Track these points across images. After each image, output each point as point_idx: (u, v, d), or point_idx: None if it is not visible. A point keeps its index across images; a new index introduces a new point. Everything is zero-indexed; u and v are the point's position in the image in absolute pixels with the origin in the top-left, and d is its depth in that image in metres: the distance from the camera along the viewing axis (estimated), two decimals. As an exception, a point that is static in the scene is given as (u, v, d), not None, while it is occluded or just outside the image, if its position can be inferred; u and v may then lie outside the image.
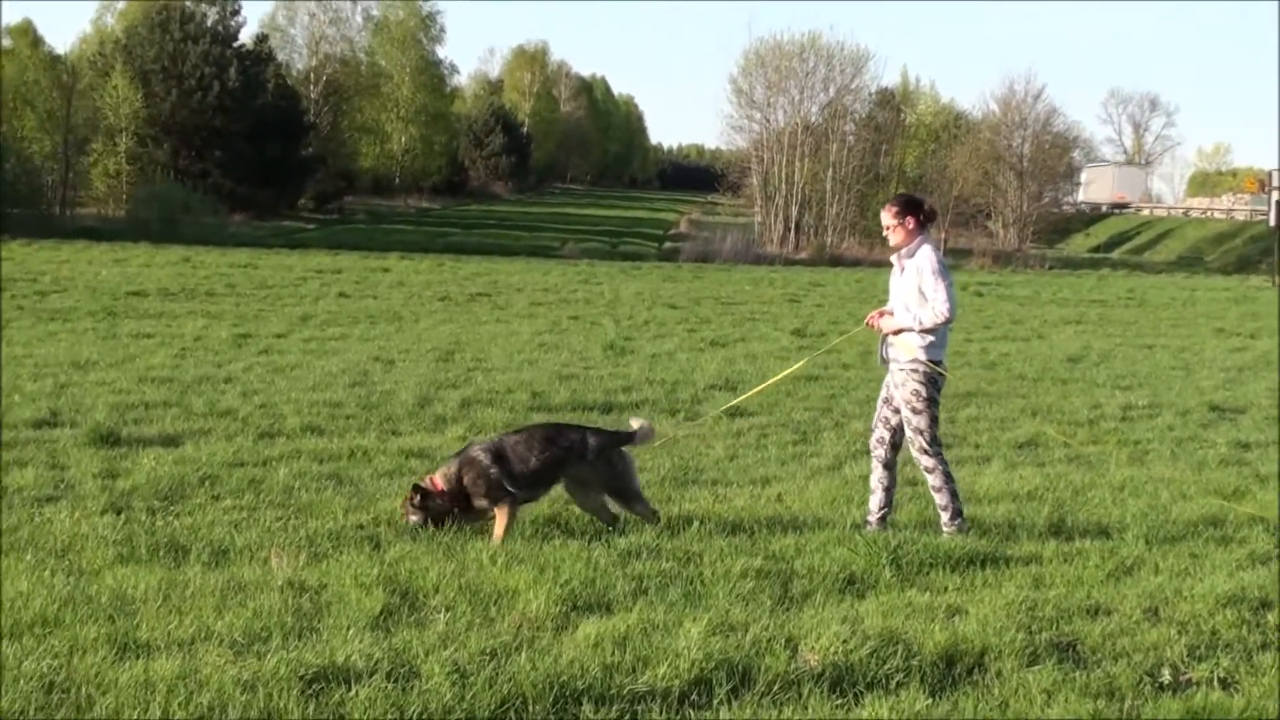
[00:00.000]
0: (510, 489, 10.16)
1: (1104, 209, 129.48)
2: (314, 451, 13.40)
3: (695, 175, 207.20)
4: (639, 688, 6.73)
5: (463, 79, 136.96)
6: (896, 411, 10.87)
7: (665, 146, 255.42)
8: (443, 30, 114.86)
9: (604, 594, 8.40)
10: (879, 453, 10.97)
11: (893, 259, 10.89)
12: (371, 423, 15.33)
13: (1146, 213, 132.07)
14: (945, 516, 10.72)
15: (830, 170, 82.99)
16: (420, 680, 6.69)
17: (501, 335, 26.77)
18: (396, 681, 6.65)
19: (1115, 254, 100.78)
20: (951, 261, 75.10)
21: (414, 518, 10.16)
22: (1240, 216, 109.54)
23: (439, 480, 10.26)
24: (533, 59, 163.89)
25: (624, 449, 10.67)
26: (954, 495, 10.76)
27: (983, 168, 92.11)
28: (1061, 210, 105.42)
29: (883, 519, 10.86)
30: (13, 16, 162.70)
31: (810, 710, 6.59)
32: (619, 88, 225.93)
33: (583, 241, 71.02)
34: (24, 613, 7.59)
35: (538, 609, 7.98)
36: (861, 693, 6.91)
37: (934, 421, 10.69)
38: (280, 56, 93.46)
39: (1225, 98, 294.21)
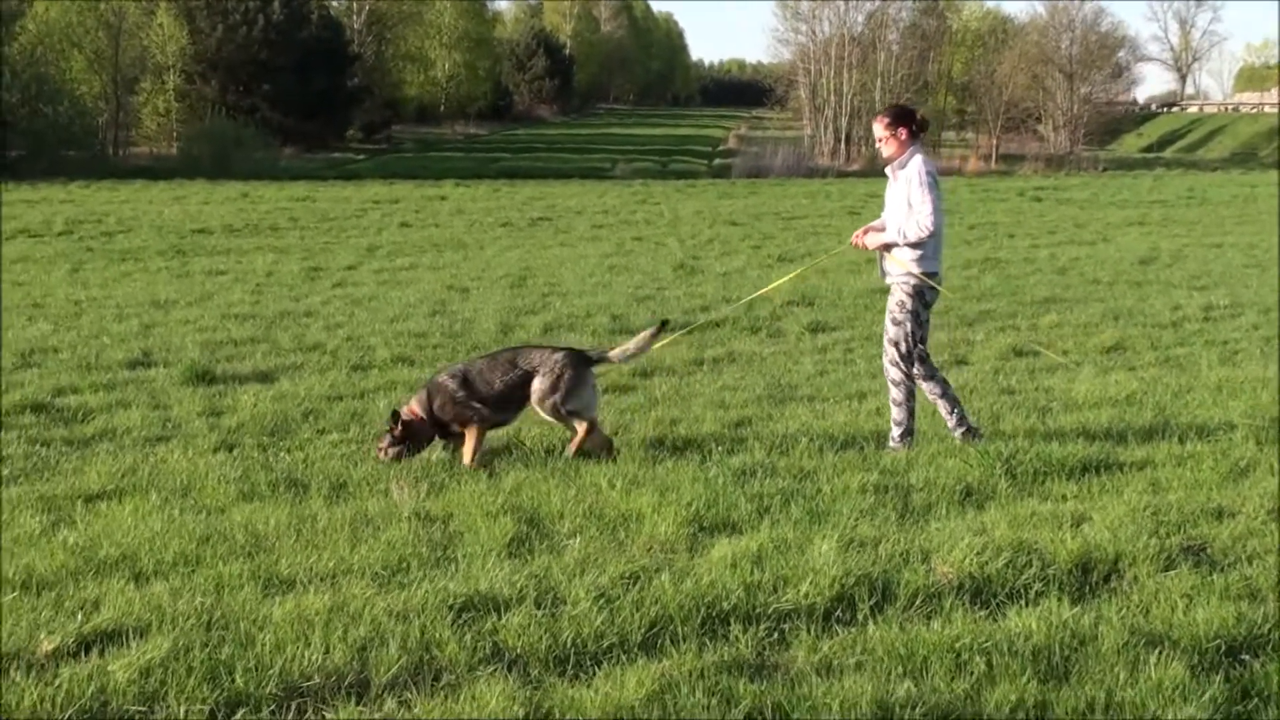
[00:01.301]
0: (478, 408, 10.21)
1: (1154, 107, 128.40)
2: (408, 382, 13.46)
3: (737, 90, 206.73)
4: (783, 606, 6.76)
5: (502, 3, 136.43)
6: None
7: (706, 63, 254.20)
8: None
9: (727, 514, 8.43)
10: (914, 370, 10.77)
11: (887, 170, 10.73)
12: (459, 351, 15.38)
13: (1196, 109, 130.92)
14: (895, 431, 10.66)
15: (879, 80, 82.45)
16: (567, 605, 6.74)
17: (569, 259, 26.81)
18: (543, 608, 6.70)
19: (1167, 153, 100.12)
20: (1004, 168, 75.11)
21: (393, 450, 10.19)
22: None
23: (416, 408, 10.31)
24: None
25: (580, 366, 10.41)
26: (911, 414, 10.67)
27: (1031, 71, 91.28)
28: (1112, 110, 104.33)
29: (961, 418, 10.71)
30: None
31: (955, 623, 6.59)
32: (658, 5, 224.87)
33: (633, 161, 70.77)
34: (164, 552, 7.67)
35: (665, 532, 8.02)
36: (1003, 603, 6.91)
37: (910, 335, 10.58)
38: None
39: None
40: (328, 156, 75.90)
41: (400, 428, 10.17)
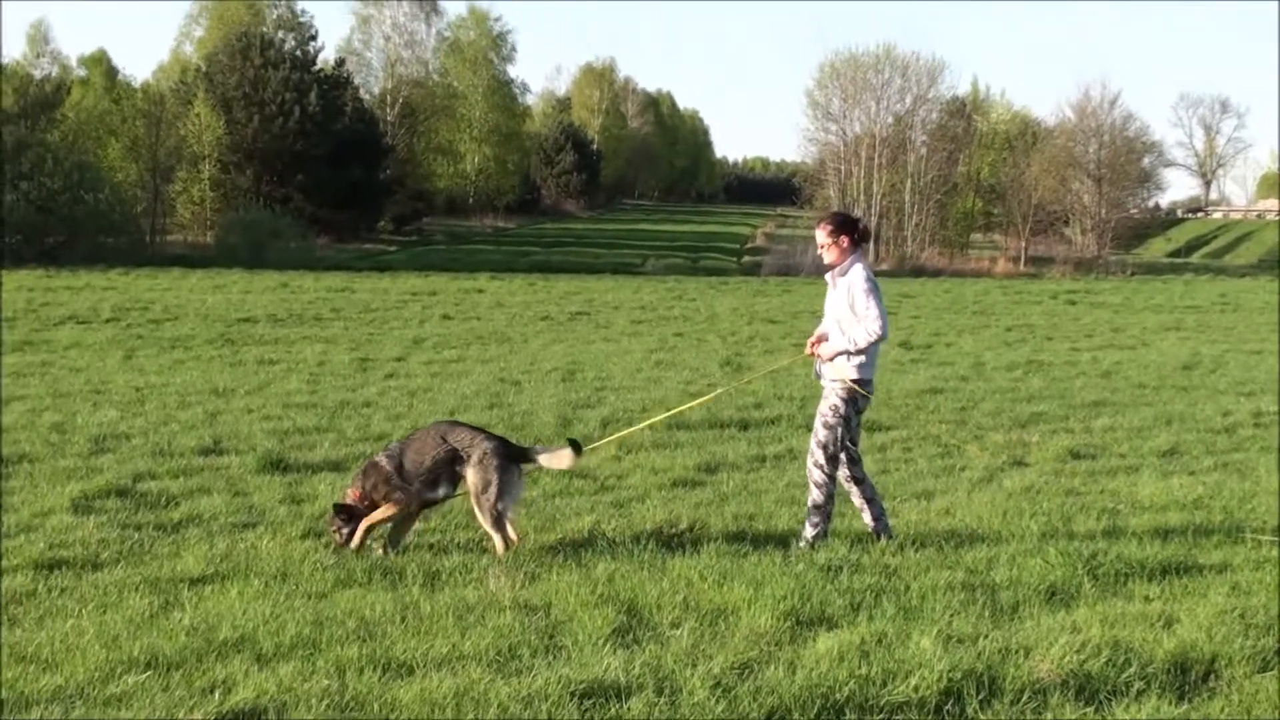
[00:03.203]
0: (404, 487, 10.38)
1: (1179, 213, 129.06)
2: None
3: (762, 188, 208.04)
4: (895, 698, 6.94)
5: (532, 98, 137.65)
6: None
7: (730, 160, 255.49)
8: (514, 49, 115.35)
9: (822, 609, 8.61)
10: (844, 473, 10.93)
11: (827, 277, 10.94)
12: (522, 444, 15.57)
13: (1220, 215, 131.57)
14: (808, 530, 10.74)
15: (908, 181, 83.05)
16: (684, 694, 6.92)
17: (615, 354, 27.08)
18: (662, 695, 6.89)
19: (1195, 258, 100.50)
20: (1033, 270, 75.47)
21: (340, 536, 10.36)
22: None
23: (356, 493, 10.48)
24: (600, 76, 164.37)
25: (510, 463, 10.47)
26: (827, 518, 10.78)
27: (1059, 174, 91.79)
28: (1139, 215, 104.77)
29: (884, 526, 10.93)
30: (87, 46, 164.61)
31: (1060, 718, 6.78)
32: (684, 102, 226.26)
33: (663, 258, 71.35)
34: (281, 635, 7.87)
35: (765, 624, 8.20)
36: (1106, 700, 7.09)
37: (836, 441, 10.68)
38: (357, 80, 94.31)
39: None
40: (360, 247, 76.57)
41: (343, 514, 10.37)
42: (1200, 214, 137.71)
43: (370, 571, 9.59)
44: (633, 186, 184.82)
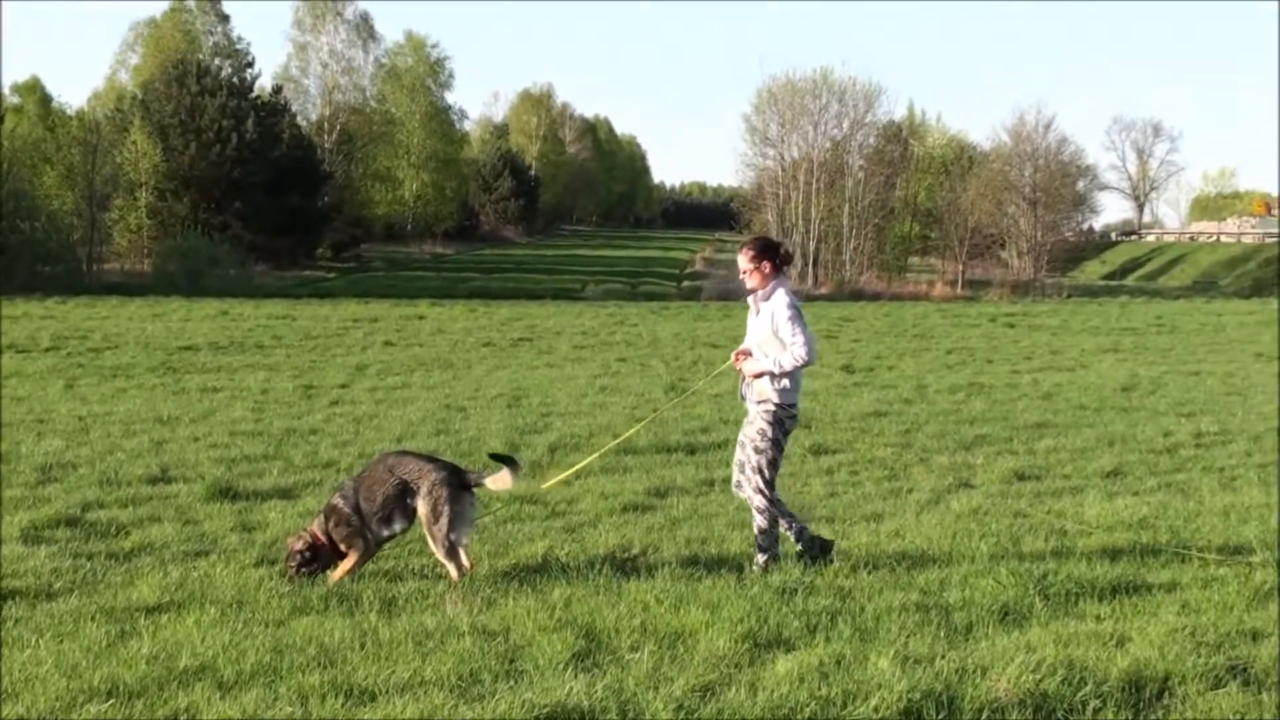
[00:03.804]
0: (367, 536, 10.39)
1: (1113, 236, 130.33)
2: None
3: (700, 212, 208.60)
4: (856, 718, 7.02)
5: (470, 124, 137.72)
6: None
7: (668, 185, 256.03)
8: (451, 76, 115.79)
9: (779, 631, 8.68)
10: (743, 494, 11.00)
11: (749, 300, 11.03)
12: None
13: (1154, 238, 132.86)
14: (760, 557, 10.77)
15: (846, 205, 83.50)
16: (646, 717, 6.98)
17: (559, 380, 27.13)
18: (625, 718, 6.95)
19: (1129, 280, 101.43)
20: (970, 293, 75.98)
21: (304, 570, 10.34)
22: (1249, 240, 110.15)
23: (318, 533, 10.44)
24: (538, 102, 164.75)
25: (461, 490, 10.47)
26: (775, 540, 10.85)
27: (995, 198, 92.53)
28: (1074, 237, 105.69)
29: (808, 540, 10.96)
30: (20, 74, 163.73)
31: (1022, 736, 6.88)
32: (621, 128, 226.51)
33: (603, 283, 71.59)
34: (242, 663, 7.88)
35: (723, 646, 8.26)
36: (1063, 718, 7.19)
37: (773, 464, 10.76)
38: (294, 107, 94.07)
39: (1228, 121, 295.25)
40: (299, 274, 76.38)
41: (306, 553, 10.34)
42: (1134, 237, 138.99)
43: (327, 599, 9.61)
44: (571, 212, 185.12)
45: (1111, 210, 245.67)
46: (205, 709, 7.07)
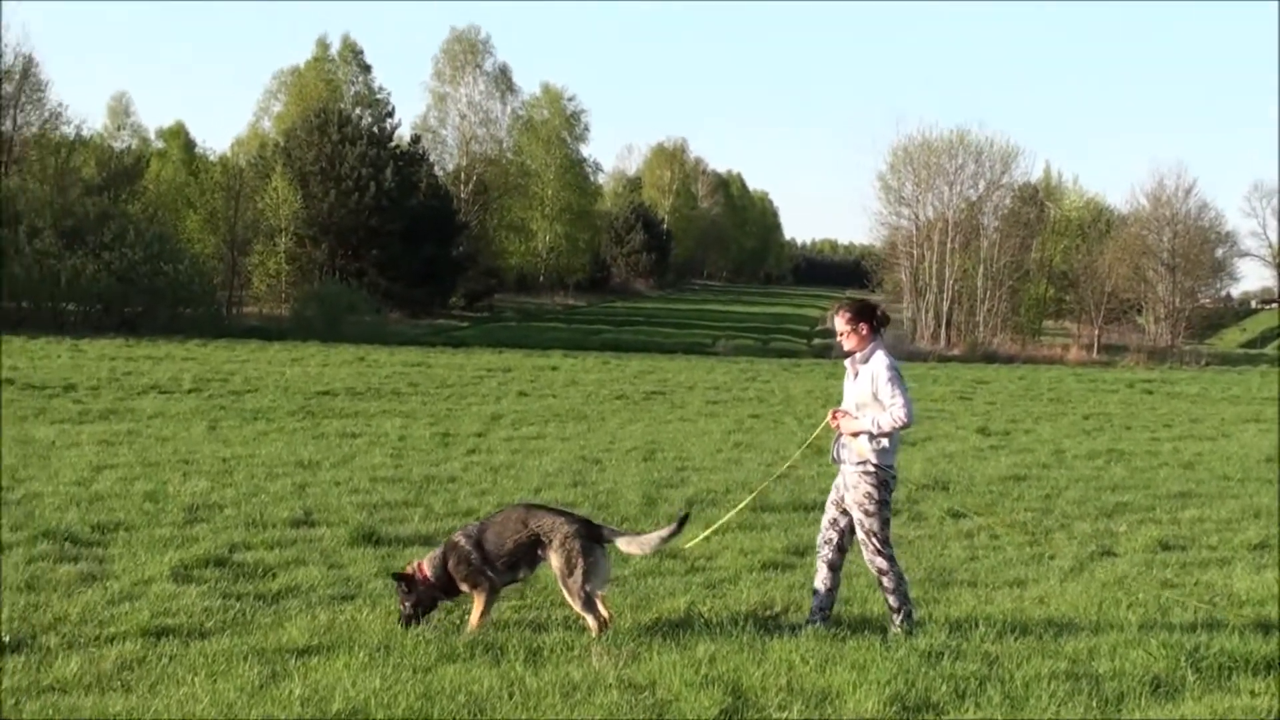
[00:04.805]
0: (489, 574, 10.40)
1: (1253, 304, 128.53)
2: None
3: (830, 270, 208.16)
4: (1012, 787, 6.96)
5: (604, 177, 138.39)
6: (845, 513, 10.85)
7: (798, 241, 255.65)
8: (587, 129, 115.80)
9: (927, 695, 8.63)
10: (824, 553, 10.94)
11: (846, 364, 10.99)
12: (610, 523, 15.61)
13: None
14: (897, 618, 10.69)
15: (980, 266, 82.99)
16: (799, 777, 6.96)
17: (693, 434, 27.16)
18: (779, 778, 6.94)
19: (1269, 349, 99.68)
20: (1105, 358, 75.13)
21: (405, 607, 10.39)
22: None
23: (426, 568, 10.50)
24: (672, 156, 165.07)
25: (593, 543, 10.45)
26: (905, 597, 10.77)
27: (1133, 263, 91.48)
28: (1213, 305, 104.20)
29: (825, 618, 10.82)
30: (166, 119, 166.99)
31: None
32: (754, 183, 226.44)
33: (734, 338, 71.54)
34: (394, 708, 7.97)
35: (871, 708, 8.23)
36: (1222, 794, 7.09)
37: (885, 524, 10.69)
38: (432, 156, 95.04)
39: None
40: (432, 322, 77.03)
41: (406, 587, 10.43)
42: (1274, 305, 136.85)
43: (472, 647, 9.66)
44: (701, 266, 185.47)
45: (1251, 277, 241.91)
46: (360, 754, 7.14)
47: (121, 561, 12.56)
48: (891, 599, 10.77)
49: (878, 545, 10.66)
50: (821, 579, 10.96)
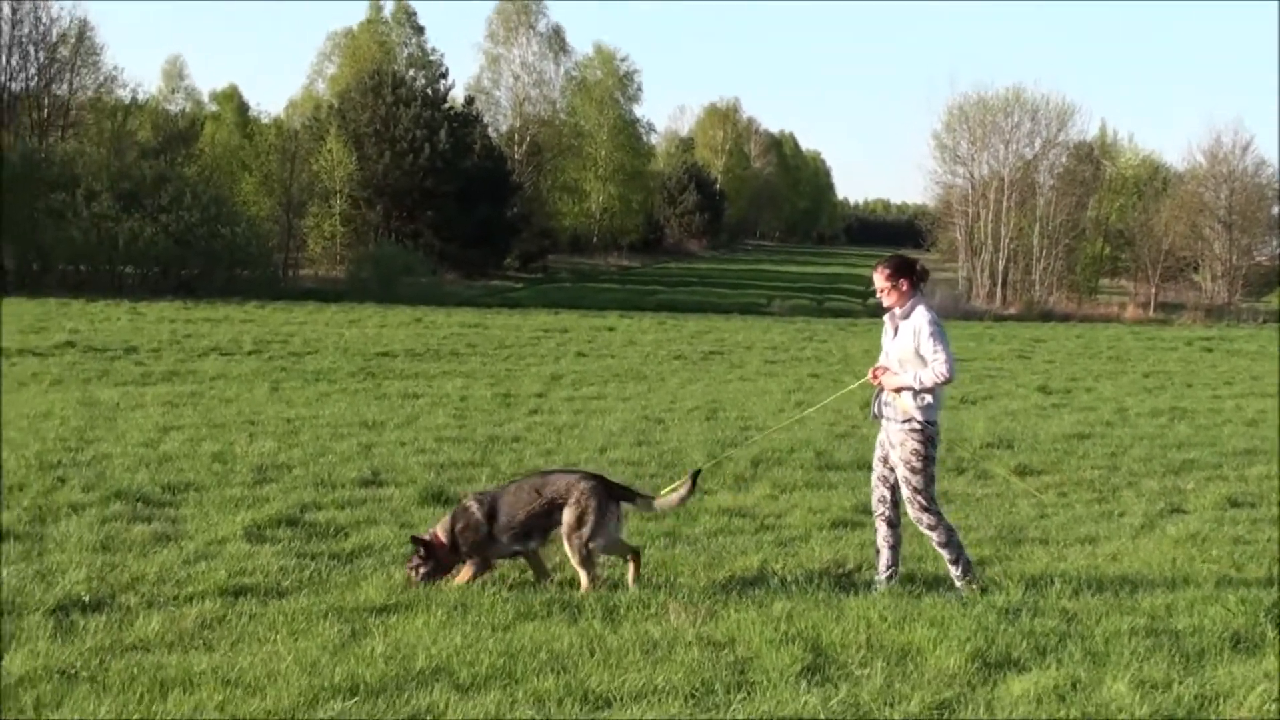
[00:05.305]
0: (488, 551, 10.45)
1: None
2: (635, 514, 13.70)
3: (883, 230, 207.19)
4: (1103, 742, 6.95)
5: (656, 138, 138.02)
6: (893, 469, 10.77)
7: (851, 201, 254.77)
8: (639, 89, 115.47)
9: (1008, 651, 8.62)
10: (880, 510, 10.87)
11: (885, 319, 10.89)
12: (676, 481, 15.61)
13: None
14: (956, 571, 10.66)
15: (1036, 225, 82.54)
16: (887, 732, 6.97)
17: (754, 394, 27.14)
18: (866, 734, 6.95)
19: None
20: (1162, 316, 74.68)
21: (423, 571, 10.37)
22: None
23: (440, 533, 10.51)
24: (724, 116, 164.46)
25: (610, 501, 10.48)
26: (960, 549, 10.71)
27: (1190, 220, 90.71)
28: (1270, 262, 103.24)
29: (890, 577, 10.78)
30: (218, 82, 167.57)
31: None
32: (806, 143, 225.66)
33: (788, 299, 71.29)
34: (476, 666, 8.00)
35: (954, 665, 8.22)
36: (1310, 750, 7.06)
37: (931, 480, 10.62)
38: (486, 118, 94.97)
39: None
40: (487, 284, 76.99)
41: (424, 552, 10.42)
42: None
43: (549, 605, 9.68)
44: (754, 227, 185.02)
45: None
46: (447, 709, 7.18)
47: (194, 521, 12.65)
48: (947, 553, 10.74)
49: (924, 503, 10.61)
50: (883, 537, 10.93)
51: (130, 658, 8.28)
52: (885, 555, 10.90)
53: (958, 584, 10.64)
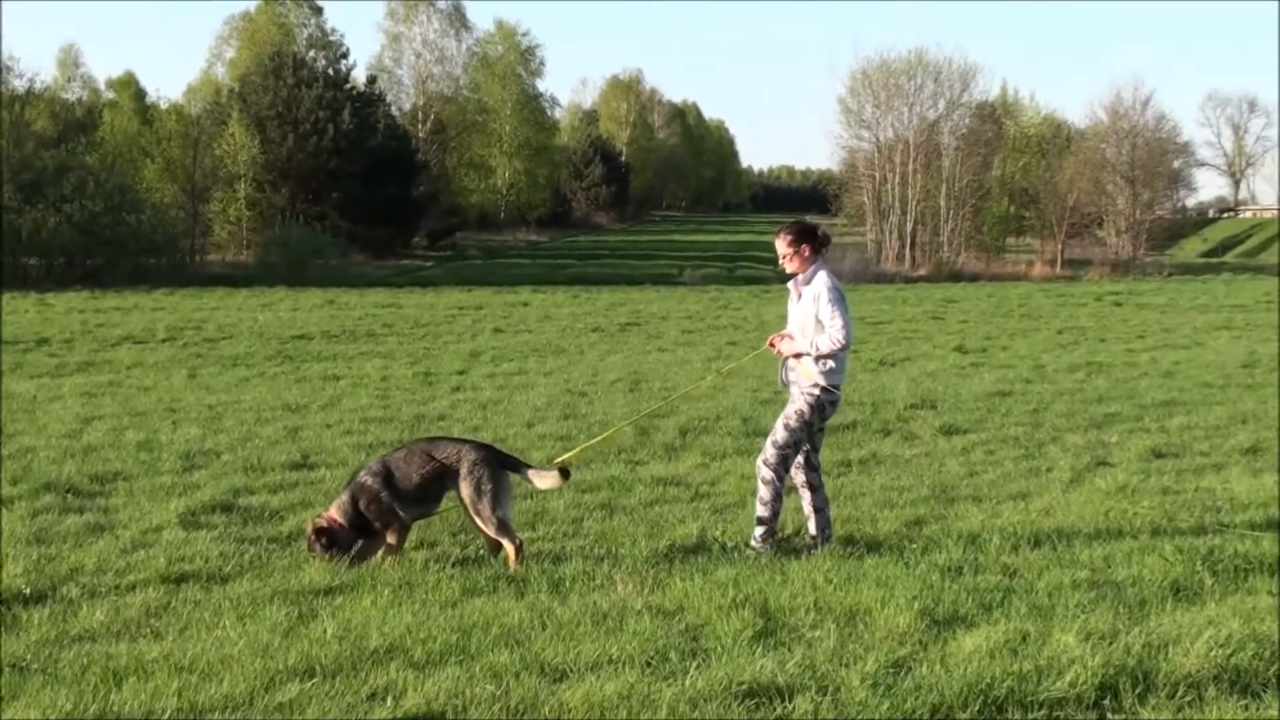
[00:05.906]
0: (400, 512, 10.47)
1: (1210, 213, 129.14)
2: (574, 483, 13.68)
3: (789, 196, 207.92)
4: (1053, 694, 7.04)
5: (560, 111, 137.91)
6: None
7: (755, 169, 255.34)
8: (542, 64, 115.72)
9: (954, 608, 8.69)
10: (799, 477, 10.95)
11: (790, 285, 10.90)
12: (608, 455, 15.65)
13: (1250, 214, 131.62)
14: (759, 531, 10.76)
15: (943, 186, 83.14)
16: (844, 692, 7.02)
17: (674, 363, 27.23)
18: (825, 694, 6.99)
19: (1229, 258, 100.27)
20: (1070, 272, 75.45)
21: (323, 554, 10.33)
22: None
23: (335, 514, 10.47)
24: (627, 88, 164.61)
25: (500, 469, 10.53)
26: (775, 515, 10.79)
27: (1093, 177, 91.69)
28: (1171, 216, 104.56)
29: (827, 537, 10.88)
30: (115, 69, 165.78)
31: (1222, 711, 6.88)
32: (709, 112, 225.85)
33: (699, 268, 71.44)
34: (430, 643, 7.98)
35: (904, 624, 8.29)
36: (1259, 692, 7.17)
37: (795, 444, 10.71)
38: (389, 97, 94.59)
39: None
40: (397, 263, 76.82)
41: (322, 538, 10.37)
42: (1230, 214, 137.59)
43: (495, 580, 9.68)
44: (661, 198, 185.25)
45: (1208, 187, 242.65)
46: (407, 687, 7.17)
47: (127, 510, 12.52)
48: (760, 509, 10.80)
49: (774, 458, 10.69)
50: (808, 502, 10.98)
51: (79, 648, 8.19)
52: (814, 519, 10.96)
53: (753, 542, 10.73)
